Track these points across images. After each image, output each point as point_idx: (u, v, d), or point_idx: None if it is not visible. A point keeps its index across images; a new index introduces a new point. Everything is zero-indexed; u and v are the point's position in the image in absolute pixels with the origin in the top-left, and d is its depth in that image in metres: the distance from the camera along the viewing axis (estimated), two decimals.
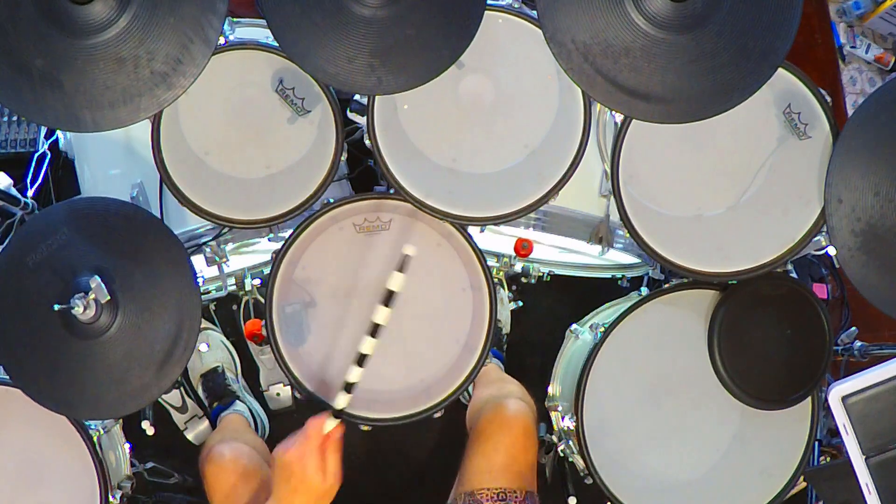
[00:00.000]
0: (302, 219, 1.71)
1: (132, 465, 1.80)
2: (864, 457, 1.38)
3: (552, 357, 2.04)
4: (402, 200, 1.68)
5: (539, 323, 2.33)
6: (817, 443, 1.80)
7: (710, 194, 1.72)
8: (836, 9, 2.78)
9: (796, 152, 1.67)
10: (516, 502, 1.54)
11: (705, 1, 1.41)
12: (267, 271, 1.79)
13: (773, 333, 1.74)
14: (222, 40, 1.62)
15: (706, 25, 1.42)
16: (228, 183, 1.70)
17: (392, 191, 1.69)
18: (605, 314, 2.00)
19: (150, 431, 1.82)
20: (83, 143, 1.96)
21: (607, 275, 2.15)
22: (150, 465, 1.93)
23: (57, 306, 1.38)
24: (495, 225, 1.75)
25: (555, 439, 1.91)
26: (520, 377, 1.92)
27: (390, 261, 1.76)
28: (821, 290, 2.30)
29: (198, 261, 1.77)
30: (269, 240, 1.82)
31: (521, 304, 2.26)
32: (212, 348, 2.17)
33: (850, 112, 2.56)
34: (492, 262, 2.03)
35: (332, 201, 1.71)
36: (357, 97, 1.69)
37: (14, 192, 2.06)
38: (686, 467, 1.80)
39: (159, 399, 2.02)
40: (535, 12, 1.55)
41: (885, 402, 1.39)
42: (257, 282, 2.02)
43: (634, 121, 1.61)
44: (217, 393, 2.11)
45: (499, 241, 1.95)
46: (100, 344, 1.44)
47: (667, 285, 1.82)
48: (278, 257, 1.71)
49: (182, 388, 2.08)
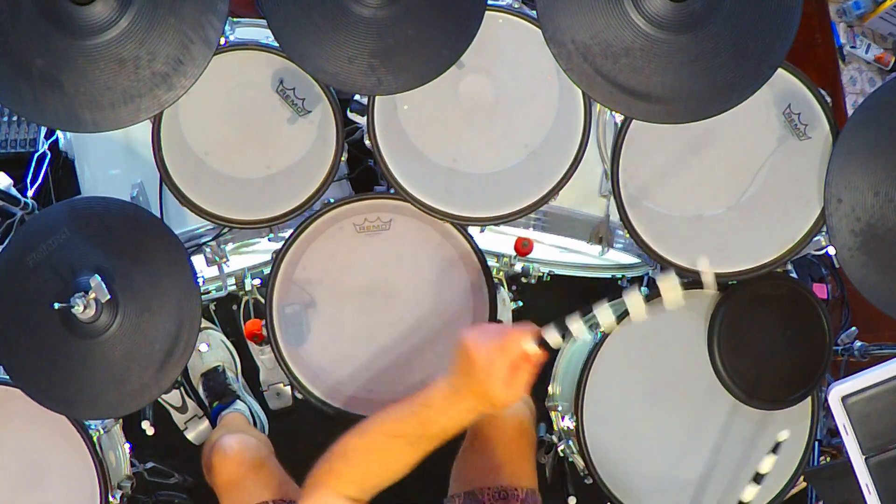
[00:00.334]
0: (302, 219, 1.71)
1: (132, 465, 1.80)
2: (864, 457, 1.38)
3: (552, 357, 2.03)
4: (402, 200, 1.68)
5: (539, 323, 2.31)
6: (817, 443, 1.80)
7: (710, 194, 1.72)
8: (836, 9, 2.78)
9: (796, 152, 1.67)
10: (517, 500, 1.54)
11: (705, 1, 1.41)
12: (267, 271, 1.79)
13: (773, 333, 1.74)
14: (222, 41, 1.62)
15: (706, 25, 1.42)
16: (228, 183, 1.70)
17: (392, 191, 1.69)
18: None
19: (150, 431, 1.82)
20: (83, 143, 1.96)
21: (607, 275, 2.15)
22: (150, 465, 1.93)
23: (57, 305, 1.38)
24: (495, 225, 1.75)
25: (555, 439, 1.91)
26: None
27: (390, 261, 1.76)
28: (821, 290, 2.30)
29: (198, 261, 1.77)
30: (269, 240, 1.81)
31: (521, 304, 2.26)
32: (212, 348, 2.17)
33: (850, 112, 2.56)
34: (492, 262, 2.03)
35: (332, 201, 1.71)
36: (357, 97, 1.69)
37: (14, 192, 2.05)
38: (686, 467, 1.80)
39: (159, 399, 2.02)
40: (535, 12, 1.55)
41: (885, 402, 1.39)
42: (257, 282, 2.02)
43: (634, 121, 1.61)
44: (218, 392, 2.11)
45: (499, 241, 1.95)
46: (100, 343, 1.44)
47: None
48: (278, 257, 1.71)
49: (182, 388, 2.08)
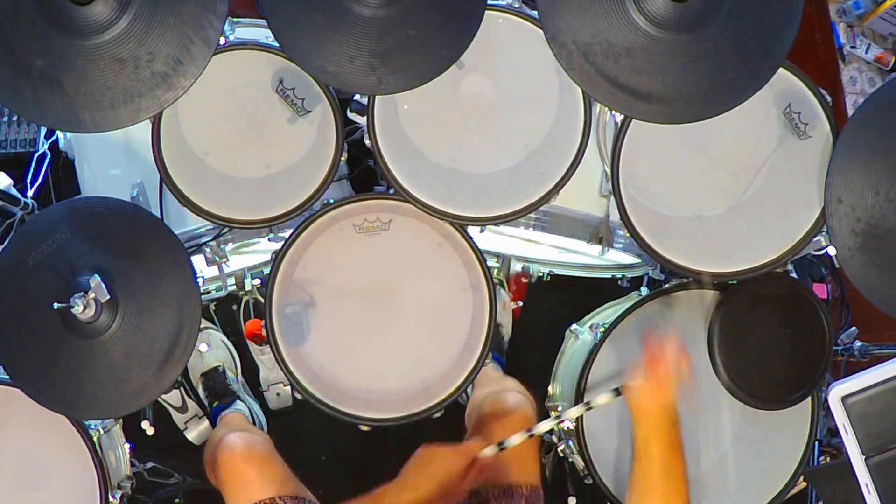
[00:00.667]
0: (302, 219, 1.71)
1: (132, 465, 1.80)
2: (864, 457, 1.38)
3: (552, 357, 2.04)
4: (402, 200, 1.68)
5: (539, 323, 2.32)
6: (817, 443, 1.80)
7: (710, 194, 1.72)
8: (836, 9, 2.78)
9: (796, 152, 1.67)
10: (521, 498, 1.54)
11: (705, 1, 1.41)
12: (267, 271, 1.79)
13: (773, 333, 1.74)
14: (222, 40, 1.62)
15: (707, 25, 1.42)
16: (228, 183, 1.70)
17: (392, 191, 1.69)
18: (605, 314, 2.00)
19: (150, 431, 1.82)
20: (83, 143, 1.96)
21: (607, 275, 2.15)
22: (150, 465, 1.93)
23: (57, 305, 1.38)
24: (495, 225, 1.75)
25: (555, 439, 1.91)
26: (520, 377, 1.92)
27: (390, 261, 1.76)
28: (821, 290, 2.30)
29: (198, 261, 1.77)
30: (269, 240, 1.81)
31: (521, 304, 2.26)
32: (212, 348, 2.17)
33: (850, 112, 2.56)
34: (492, 262, 2.03)
35: (332, 201, 1.71)
36: (357, 97, 1.69)
37: (14, 192, 2.05)
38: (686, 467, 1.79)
39: (159, 399, 2.02)
40: (535, 12, 1.55)
41: (885, 402, 1.39)
42: (257, 282, 2.02)
43: (634, 121, 1.61)
44: (218, 392, 2.11)
45: (499, 241, 1.95)
46: (100, 343, 1.44)
47: (667, 285, 1.82)
48: (278, 257, 1.71)
49: (182, 388, 2.08)
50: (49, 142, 2.23)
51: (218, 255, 1.81)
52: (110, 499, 1.61)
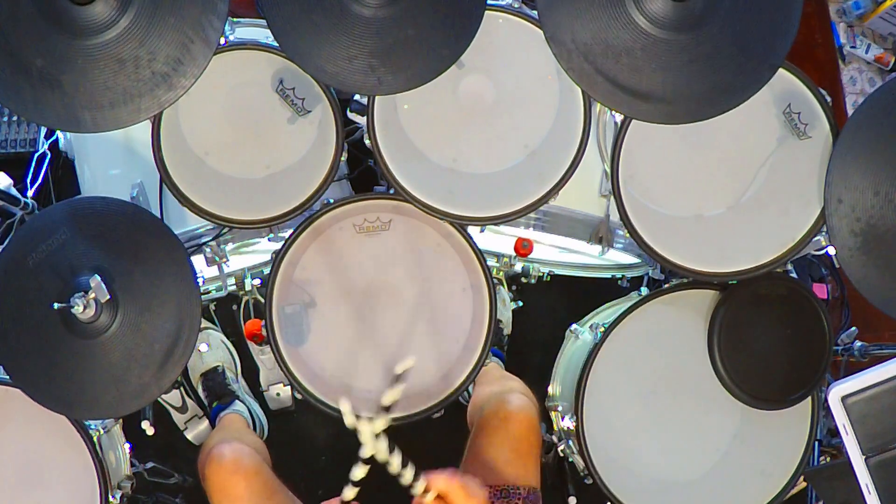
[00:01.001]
0: (302, 219, 1.71)
1: (132, 465, 1.80)
2: (864, 457, 1.38)
3: (552, 357, 2.04)
4: (402, 200, 1.68)
5: (539, 323, 2.33)
6: (817, 443, 1.80)
7: (710, 194, 1.72)
8: (836, 9, 2.78)
9: (796, 152, 1.67)
10: (520, 499, 1.53)
11: (705, 1, 1.41)
12: (267, 271, 1.79)
13: (773, 333, 1.74)
14: (222, 40, 1.62)
15: (706, 25, 1.42)
16: (228, 183, 1.70)
17: (392, 191, 1.69)
18: (605, 314, 2.00)
19: (150, 431, 1.82)
20: (83, 143, 1.96)
21: (607, 275, 2.15)
22: (150, 465, 1.93)
23: (57, 305, 1.38)
24: (495, 225, 1.76)
25: (555, 439, 1.91)
26: (520, 377, 1.91)
27: (390, 261, 1.76)
28: (821, 290, 2.30)
29: (198, 261, 1.77)
30: (269, 240, 1.82)
31: (521, 304, 2.27)
32: (212, 348, 2.17)
33: (850, 112, 2.56)
34: (492, 262, 2.03)
35: (332, 201, 1.71)
36: (357, 97, 1.69)
37: (14, 192, 2.05)
38: (686, 467, 1.80)
39: (159, 399, 2.02)
40: (535, 12, 1.55)
41: (885, 402, 1.39)
42: (257, 282, 2.02)
43: (634, 121, 1.61)
44: (217, 392, 2.11)
45: (499, 241, 1.95)
46: (100, 343, 1.43)
47: (667, 285, 1.82)
48: (278, 257, 1.71)
49: (182, 388, 2.08)
50: (49, 142, 2.23)
51: (218, 255, 1.81)
52: (110, 499, 1.61)
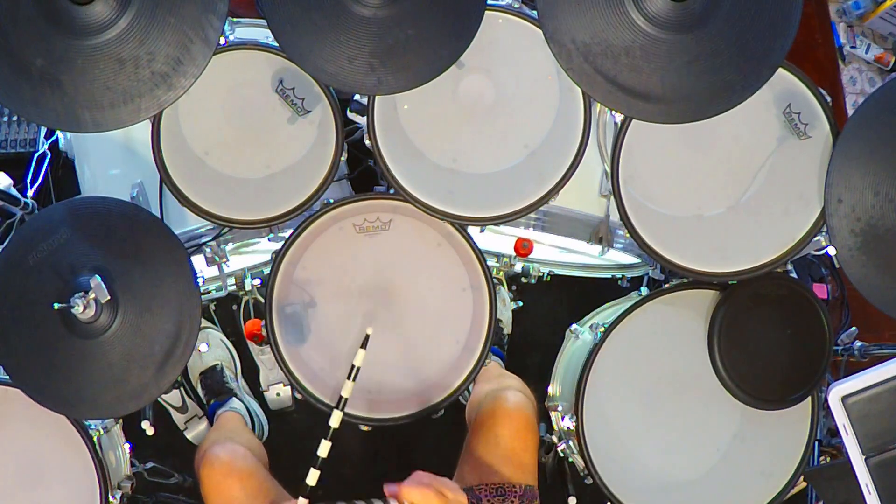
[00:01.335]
0: (302, 219, 1.71)
1: (132, 465, 1.80)
2: (864, 457, 1.38)
3: (552, 357, 2.04)
4: (402, 200, 1.68)
5: (539, 323, 2.32)
6: (817, 443, 1.80)
7: (710, 194, 1.72)
8: (836, 9, 2.78)
9: (796, 152, 1.67)
10: (515, 497, 1.53)
11: (705, 1, 1.41)
12: (267, 271, 1.79)
13: (773, 333, 1.74)
14: (222, 40, 1.62)
15: (706, 25, 1.42)
16: (228, 183, 1.70)
17: (392, 191, 1.69)
18: (605, 314, 2.00)
19: (150, 431, 1.82)
20: (83, 143, 1.96)
21: (607, 275, 2.15)
22: (150, 465, 1.93)
23: (57, 305, 1.38)
24: (495, 225, 1.75)
25: (555, 439, 1.91)
26: (520, 376, 1.91)
27: (390, 261, 1.76)
28: (821, 290, 2.30)
29: (198, 261, 1.77)
30: (269, 240, 1.81)
31: (521, 304, 2.27)
32: (212, 348, 2.17)
33: (850, 112, 2.56)
34: (492, 262, 2.03)
35: (331, 201, 1.71)
36: (357, 97, 1.69)
37: (14, 192, 2.06)
38: (686, 467, 1.80)
39: (159, 399, 2.02)
40: (535, 12, 1.55)
41: (885, 402, 1.39)
42: (257, 282, 2.02)
43: (634, 121, 1.61)
44: (215, 390, 2.11)
45: (499, 241, 1.95)
46: (99, 343, 1.44)
47: (667, 285, 1.82)
48: (278, 257, 1.71)
49: (182, 388, 2.08)
50: (49, 142, 2.23)
51: (218, 255, 1.81)
52: (110, 499, 1.61)
